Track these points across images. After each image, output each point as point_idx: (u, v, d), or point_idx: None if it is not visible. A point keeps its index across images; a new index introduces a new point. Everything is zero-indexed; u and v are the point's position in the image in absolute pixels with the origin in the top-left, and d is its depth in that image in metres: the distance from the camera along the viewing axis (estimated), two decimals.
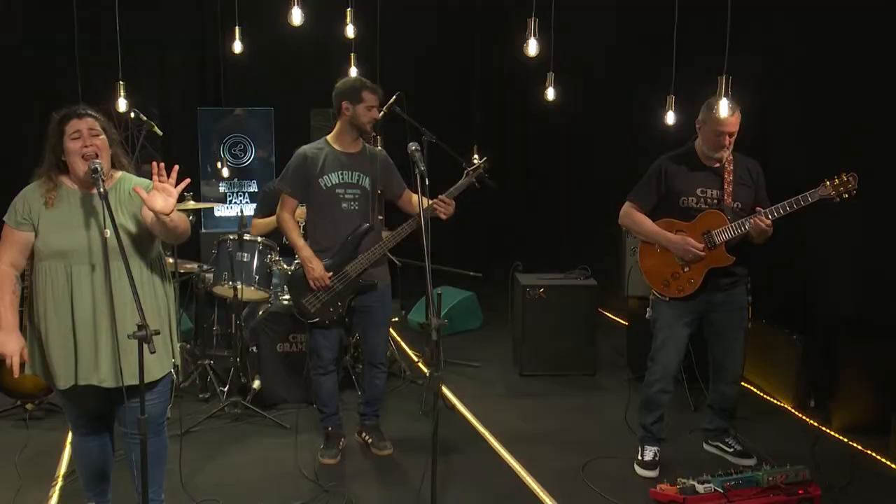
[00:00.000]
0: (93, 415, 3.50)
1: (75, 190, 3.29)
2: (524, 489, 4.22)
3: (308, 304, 4.40)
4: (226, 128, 8.56)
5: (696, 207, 4.22)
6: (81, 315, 3.21)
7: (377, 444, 4.66)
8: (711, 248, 4.17)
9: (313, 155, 4.40)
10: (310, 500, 4.05)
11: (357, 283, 4.41)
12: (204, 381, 5.61)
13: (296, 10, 4.91)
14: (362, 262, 4.37)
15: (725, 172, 4.19)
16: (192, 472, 4.26)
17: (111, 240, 3.13)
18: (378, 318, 4.57)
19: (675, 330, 4.31)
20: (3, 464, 4.47)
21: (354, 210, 4.40)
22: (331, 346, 4.52)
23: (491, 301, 7.72)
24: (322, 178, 4.37)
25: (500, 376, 6.20)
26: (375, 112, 4.36)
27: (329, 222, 4.41)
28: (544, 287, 6.13)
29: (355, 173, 4.41)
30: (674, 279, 4.25)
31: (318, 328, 4.47)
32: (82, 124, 3.21)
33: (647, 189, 4.33)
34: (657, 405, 4.40)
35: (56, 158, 3.27)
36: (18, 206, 3.26)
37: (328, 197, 4.38)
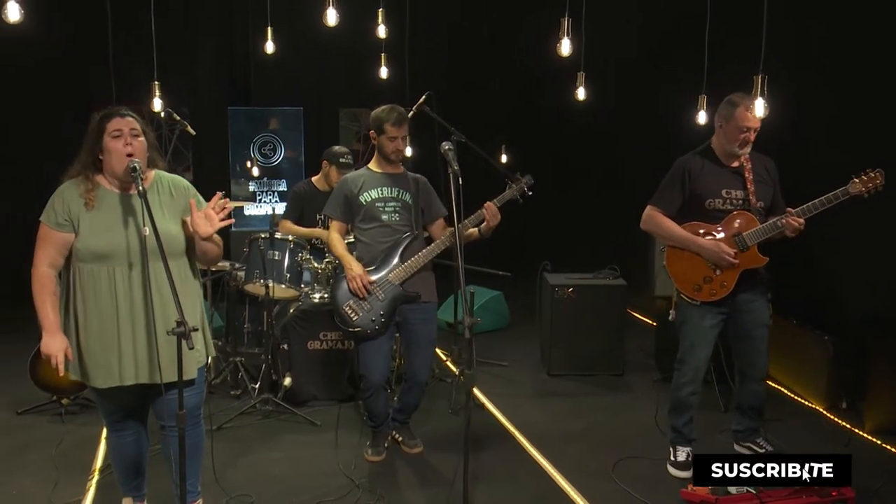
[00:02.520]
0: (127, 410, 3.54)
1: (112, 191, 3.32)
2: (555, 488, 4.23)
3: (350, 310, 4.36)
4: (256, 127, 8.64)
5: (722, 209, 4.19)
6: (121, 314, 3.25)
7: (407, 441, 4.71)
8: (743, 250, 4.14)
9: (353, 178, 4.52)
10: (342, 496, 4.08)
11: (399, 293, 4.37)
12: (235, 378, 5.67)
13: (330, 10, 4.95)
14: (405, 270, 4.36)
15: (745, 171, 4.17)
16: (225, 468, 4.30)
17: (150, 238, 3.17)
18: (422, 337, 4.51)
19: (703, 332, 4.29)
20: (41, 458, 4.54)
21: (396, 221, 4.44)
22: (381, 370, 4.47)
23: (518, 300, 7.74)
24: (362, 195, 4.44)
25: (528, 376, 6.21)
26: (399, 143, 4.42)
27: (371, 235, 4.45)
28: (573, 287, 6.13)
29: (395, 189, 4.47)
30: (706, 283, 4.22)
31: (367, 346, 4.43)
32: (124, 123, 3.25)
33: (670, 192, 4.28)
34: (688, 407, 4.39)
35: (93, 158, 3.29)
36: (57, 206, 3.26)
37: (369, 210, 4.43)
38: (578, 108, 5.82)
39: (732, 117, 4.08)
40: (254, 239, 5.40)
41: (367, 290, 4.31)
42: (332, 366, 5.45)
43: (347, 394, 5.46)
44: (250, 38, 8.39)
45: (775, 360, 5.42)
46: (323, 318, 5.37)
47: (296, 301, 5.61)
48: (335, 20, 5.00)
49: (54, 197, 3.30)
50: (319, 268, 5.49)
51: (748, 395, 4.50)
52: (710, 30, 4.49)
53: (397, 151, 4.44)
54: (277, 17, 6.74)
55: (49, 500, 4.01)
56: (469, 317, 3.34)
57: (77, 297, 3.28)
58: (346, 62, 8.55)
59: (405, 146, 4.48)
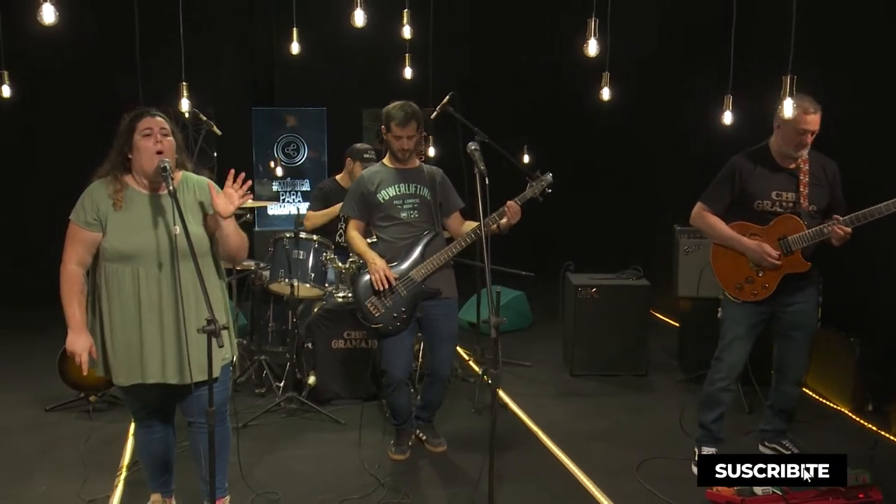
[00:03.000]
0: (154, 407, 3.58)
1: (140, 191, 3.35)
2: (579, 488, 4.23)
3: (372, 307, 4.36)
4: (279, 128, 8.69)
5: (770, 211, 4.16)
6: (148, 314, 3.29)
7: (431, 440, 4.72)
8: (788, 254, 4.12)
9: (369, 176, 4.51)
10: (367, 494, 4.10)
11: (421, 289, 4.38)
12: (259, 376, 5.72)
13: (358, 11, 4.97)
14: (427, 266, 4.36)
15: (801, 173, 4.12)
16: (251, 466, 4.33)
17: (179, 237, 3.20)
18: (443, 333, 4.50)
19: (743, 330, 4.27)
20: (69, 454, 4.60)
21: (415, 218, 4.44)
22: (402, 365, 4.48)
23: (539, 300, 7.74)
24: (380, 193, 4.43)
25: (550, 376, 6.21)
26: (405, 143, 4.40)
27: (391, 233, 4.45)
28: (596, 287, 6.13)
29: (412, 185, 4.46)
30: (747, 283, 4.21)
31: (389, 342, 4.44)
32: (154, 123, 3.29)
33: (720, 190, 4.27)
34: (718, 403, 4.37)
35: (122, 157, 3.32)
36: (87, 205, 3.29)
37: (388, 209, 4.43)
38: (602, 108, 5.82)
39: (791, 119, 4.00)
40: (279, 238, 5.44)
41: (389, 284, 4.30)
42: (355, 365, 5.47)
43: (371, 392, 5.48)
44: (274, 39, 8.45)
45: None
46: (347, 318, 5.40)
47: (320, 300, 5.64)
48: (363, 21, 5.01)
49: (83, 196, 3.33)
50: (343, 267, 5.52)
51: (782, 397, 4.47)
52: (737, 29, 4.46)
53: (403, 150, 4.43)
54: (300, 19, 6.78)
55: (78, 496, 4.05)
56: (495, 316, 3.35)
57: (103, 296, 3.32)
58: (369, 62, 8.58)
59: (412, 145, 4.44)
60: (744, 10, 4.45)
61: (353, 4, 5.11)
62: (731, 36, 4.46)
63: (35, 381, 5.75)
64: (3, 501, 4.03)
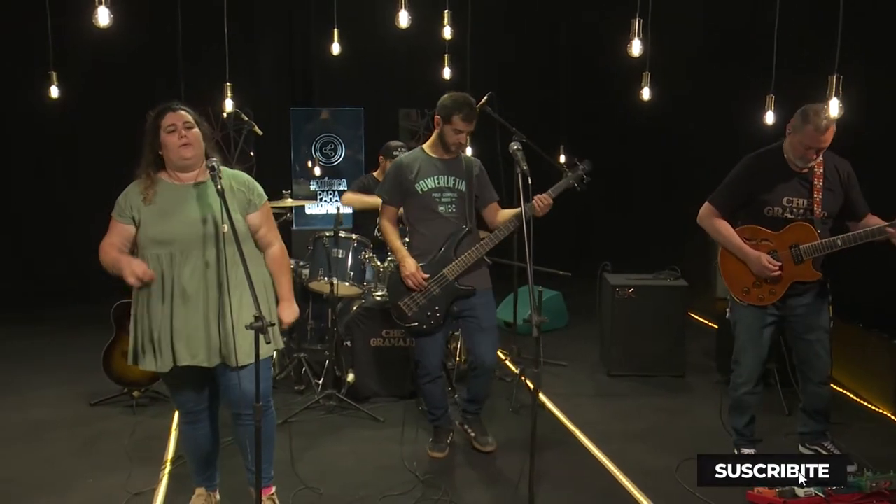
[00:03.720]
0: (199, 398, 3.65)
1: (171, 183, 3.45)
2: (618, 488, 4.23)
3: (405, 306, 4.40)
4: (317, 128, 8.78)
5: (781, 217, 4.11)
6: (189, 298, 3.36)
7: (480, 438, 4.65)
8: (798, 262, 4.08)
9: (409, 162, 4.45)
10: (406, 491, 4.14)
11: (454, 288, 4.36)
12: (298, 373, 5.78)
13: (403, 13, 5.01)
14: (459, 264, 4.33)
15: (814, 178, 4.05)
16: (292, 461, 4.38)
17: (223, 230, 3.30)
18: (483, 323, 4.45)
19: (755, 333, 4.24)
20: (114, 448, 4.69)
21: (452, 213, 4.40)
22: (435, 354, 4.52)
23: (575, 300, 7.72)
24: (418, 183, 4.39)
25: (587, 376, 6.21)
26: (463, 137, 4.33)
27: (427, 227, 4.42)
28: (633, 287, 6.11)
29: (451, 178, 4.41)
30: (755, 287, 4.17)
31: (421, 335, 4.47)
32: (176, 118, 3.37)
33: (730, 193, 4.23)
34: (746, 407, 4.35)
35: (154, 155, 3.42)
36: (121, 202, 3.43)
37: (425, 201, 4.39)
38: (641, 108, 5.80)
39: (801, 131, 3.95)
40: (318, 237, 5.50)
41: (421, 287, 4.32)
42: (394, 363, 5.51)
43: (409, 390, 5.52)
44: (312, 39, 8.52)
45: (841, 363, 5.35)
46: (385, 316, 5.43)
47: (359, 299, 5.69)
48: (407, 22, 5.05)
49: (121, 195, 3.46)
50: (382, 266, 5.57)
51: (810, 398, 4.42)
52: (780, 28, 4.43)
53: (458, 145, 4.37)
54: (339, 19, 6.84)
55: (124, 489, 4.13)
56: (537, 315, 3.36)
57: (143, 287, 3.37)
58: (406, 62, 8.65)
59: (466, 141, 4.43)
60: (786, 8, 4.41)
61: (391, 5, 5.16)
62: (774, 35, 4.43)
63: (79, 377, 5.87)
64: (52, 494, 4.12)
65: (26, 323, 7.48)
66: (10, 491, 4.09)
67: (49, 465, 4.46)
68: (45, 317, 7.90)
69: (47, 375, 6.07)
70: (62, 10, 6.45)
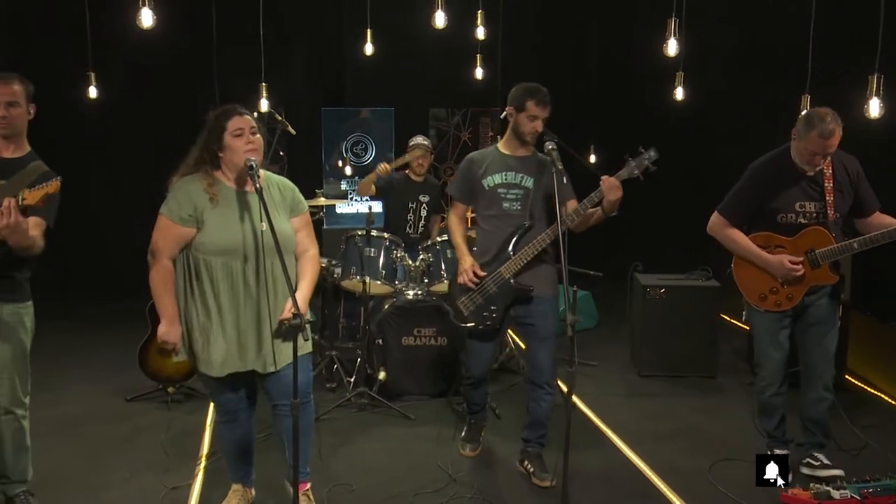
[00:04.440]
0: (239, 397, 3.69)
1: (230, 187, 3.44)
2: (651, 488, 4.23)
3: (463, 305, 4.28)
4: (348, 127, 8.83)
5: (795, 223, 4.07)
6: (238, 305, 3.40)
7: (539, 474, 4.30)
8: (815, 267, 4.04)
9: (479, 158, 4.34)
10: (439, 489, 4.16)
11: (510, 287, 4.19)
12: (330, 371, 5.82)
13: (439, 13, 5.03)
14: (516, 262, 4.15)
15: (825, 179, 4.00)
16: (325, 457, 4.42)
17: (266, 234, 3.30)
18: (541, 332, 4.25)
19: (772, 335, 4.21)
20: (150, 443, 4.76)
21: (516, 210, 4.22)
22: (484, 360, 4.44)
23: (605, 300, 7.71)
24: (485, 179, 4.26)
25: (618, 376, 6.20)
26: (539, 124, 4.12)
27: (490, 223, 4.28)
28: (665, 287, 6.09)
29: (519, 175, 4.23)
30: (771, 293, 4.15)
31: (472, 339, 4.37)
32: (244, 122, 3.35)
33: (739, 203, 4.18)
34: (774, 409, 4.32)
35: (212, 154, 3.39)
36: (182, 200, 3.35)
37: (490, 197, 4.25)
38: (674, 107, 5.78)
39: (805, 138, 3.90)
40: (351, 236, 5.54)
41: (476, 283, 4.21)
42: (425, 361, 5.54)
43: (440, 389, 5.55)
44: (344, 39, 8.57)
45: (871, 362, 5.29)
46: (417, 315, 5.48)
47: (390, 297, 5.73)
48: (443, 22, 5.07)
49: (176, 192, 3.38)
50: (413, 265, 5.60)
51: (810, 406, 4.27)
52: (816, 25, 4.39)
53: (534, 132, 4.14)
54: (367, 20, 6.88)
55: (161, 483, 4.19)
56: (571, 314, 3.37)
57: (194, 288, 3.41)
58: (437, 62, 8.67)
59: (542, 128, 4.14)
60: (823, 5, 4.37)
61: (421, 5, 5.19)
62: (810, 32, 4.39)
63: (116, 373, 5.96)
64: (91, 488, 4.19)
65: (62, 319, 7.58)
66: (50, 485, 4.15)
67: (87, 460, 4.53)
68: (80, 313, 8.02)
69: (83, 371, 6.17)
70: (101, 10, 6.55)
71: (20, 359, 3.66)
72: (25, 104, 3.55)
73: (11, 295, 3.60)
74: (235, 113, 3.37)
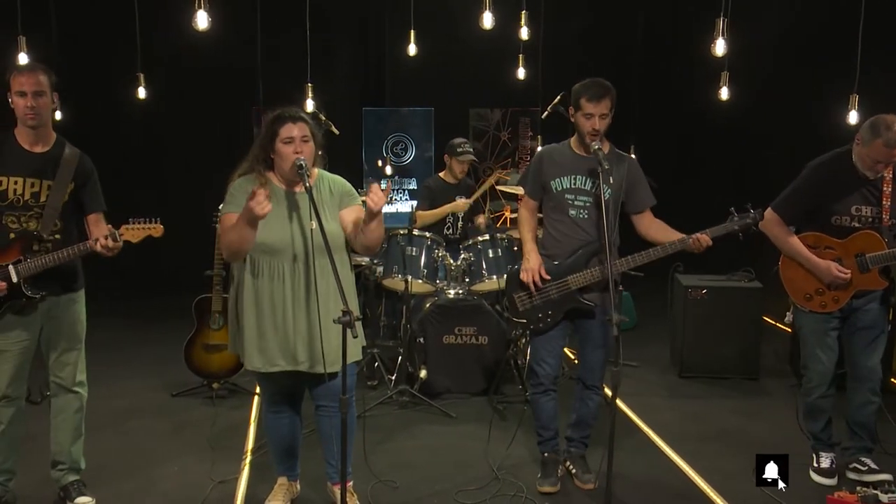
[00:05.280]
0: (286, 394, 3.76)
1: (280, 187, 3.52)
2: (694, 489, 4.22)
3: (519, 300, 4.10)
4: (388, 127, 8.89)
5: (849, 227, 4.04)
6: (289, 304, 3.46)
7: (581, 476, 4.25)
8: (864, 271, 4.01)
9: (549, 156, 4.14)
10: (483, 486, 4.18)
11: (574, 299, 4.02)
12: (371, 369, 5.87)
13: (487, 14, 5.04)
14: (586, 276, 3.98)
15: (884, 184, 3.97)
16: (368, 454, 4.46)
17: (315, 233, 3.36)
18: (597, 338, 4.12)
19: (818, 337, 4.18)
20: (196, 437, 4.85)
21: (584, 218, 4.02)
22: (550, 358, 4.16)
23: (643, 301, 7.67)
24: (553, 181, 4.07)
25: (658, 377, 6.18)
26: (596, 122, 3.88)
27: (557, 228, 4.10)
28: (707, 288, 6.06)
29: (589, 179, 4.01)
30: (818, 294, 4.12)
31: (538, 339, 4.19)
32: (296, 130, 3.42)
33: (795, 201, 4.15)
34: (820, 412, 4.29)
35: (265, 155, 3.50)
36: (239, 198, 3.41)
37: (557, 201, 4.07)
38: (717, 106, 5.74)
39: (869, 145, 3.86)
40: (393, 235, 5.59)
41: (539, 285, 4.03)
42: (466, 360, 5.57)
43: (480, 388, 5.57)
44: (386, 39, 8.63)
45: None
46: (458, 314, 5.52)
47: (431, 296, 5.76)
48: (491, 23, 5.10)
49: (234, 190, 3.50)
50: (454, 264, 5.64)
51: (857, 409, 4.23)
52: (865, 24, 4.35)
53: (594, 132, 3.89)
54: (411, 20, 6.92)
55: (208, 476, 4.27)
56: (618, 314, 3.38)
57: (248, 285, 3.49)
58: (477, 63, 8.70)
59: (604, 126, 3.91)
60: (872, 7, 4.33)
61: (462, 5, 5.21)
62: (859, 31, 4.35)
63: (161, 368, 6.08)
64: (141, 480, 4.28)
65: (108, 316, 7.72)
66: (102, 476, 4.24)
67: (136, 453, 4.62)
68: (125, 310, 8.16)
69: (130, 366, 6.29)
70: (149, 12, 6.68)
71: (79, 343, 3.90)
72: (50, 93, 3.67)
73: (69, 284, 3.81)
74: (289, 119, 3.43)
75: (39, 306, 3.71)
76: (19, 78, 3.58)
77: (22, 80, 3.57)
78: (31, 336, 3.73)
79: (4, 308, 3.64)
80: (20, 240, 3.63)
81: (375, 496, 4.06)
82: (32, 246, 3.63)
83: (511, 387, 5.67)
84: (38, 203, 3.66)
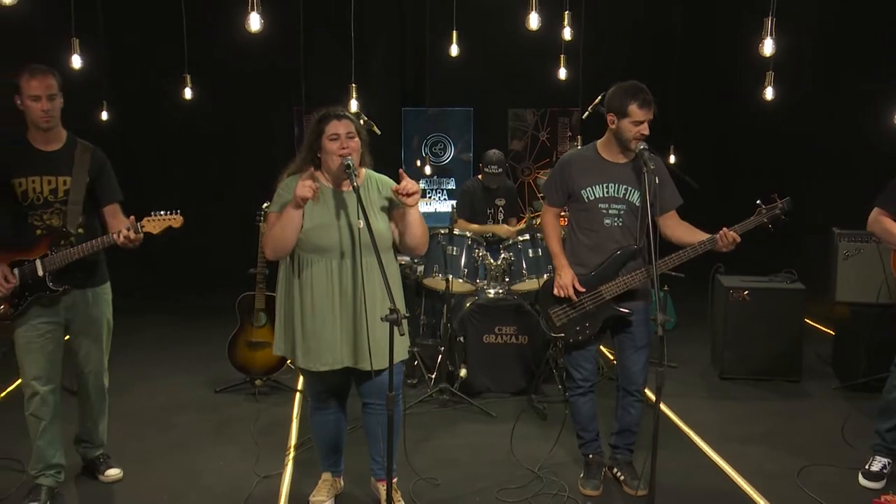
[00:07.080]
0: (332, 391, 3.81)
1: (328, 186, 3.57)
2: (736, 490, 4.20)
3: (555, 316, 4.06)
4: (428, 127, 8.94)
5: None
6: (337, 303, 3.51)
7: (630, 482, 4.18)
8: None
9: (577, 163, 4.04)
10: (524, 485, 4.20)
11: (610, 308, 3.98)
12: (411, 367, 5.91)
13: (533, 15, 5.05)
14: (620, 285, 3.93)
15: None
16: (409, 452, 4.49)
17: (362, 231, 3.39)
18: (638, 340, 4.05)
19: None
20: (240, 433, 4.92)
21: (619, 226, 3.97)
22: (586, 363, 4.14)
23: (683, 302, 7.62)
24: (585, 190, 3.97)
25: (699, 378, 6.14)
26: (644, 127, 3.82)
27: (589, 237, 4.01)
28: (748, 290, 6.01)
29: (622, 186, 3.95)
30: None
31: (569, 348, 4.14)
32: (341, 127, 3.48)
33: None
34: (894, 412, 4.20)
35: (312, 154, 3.55)
36: (287, 196, 3.48)
37: (590, 210, 3.98)
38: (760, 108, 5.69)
39: None
40: (433, 235, 5.61)
41: (575, 300, 3.98)
42: (506, 359, 5.59)
43: (520, 387, 5.59)
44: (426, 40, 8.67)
45: None
46: (498, 313, 5.53)
47: (471, 295, 5.79)
48: (537, 24, 5.11)
49: (281, 190, 3.56)
50: (494, 264, 5.66)
51: None
52: None
53: (640, 138, 3.83)
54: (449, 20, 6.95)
55: (253, 471, 4.33)
56: (662, 314, 3.38)
57: (296, 284, 3.55)
58: (516, 63, 8.71)
59: (647, 132, 3.84)
60: None
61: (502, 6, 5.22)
62: None
63: (204, 365, 6.17)
64: (187, 475, 4.36)
65: (152, 313, 7.87)
66: (149, 472, 4.34)
67: (182, 449, 4.71)
68: (168, 308, 8.28)
69: (174, 363, 6.38)
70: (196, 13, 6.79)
71: (106, 333, 4.10)
72: (59, 94, 3.77)
73: (90, 278, 3.97)
74: (334, 117, 3.50)
75: (63, 299, 3.84)
76: (32, 82, 3.68)
77: (35, 83, 3.68)
78: (56, 328, 3.87)
79: (30, 301, 3.77)
80: (48, 236, 3.78)
81: (418, 493, 4.10)
82: (60, 241, 3.77)
83: (551, 386, 5.67)
84: (57, 199, 3.79)
